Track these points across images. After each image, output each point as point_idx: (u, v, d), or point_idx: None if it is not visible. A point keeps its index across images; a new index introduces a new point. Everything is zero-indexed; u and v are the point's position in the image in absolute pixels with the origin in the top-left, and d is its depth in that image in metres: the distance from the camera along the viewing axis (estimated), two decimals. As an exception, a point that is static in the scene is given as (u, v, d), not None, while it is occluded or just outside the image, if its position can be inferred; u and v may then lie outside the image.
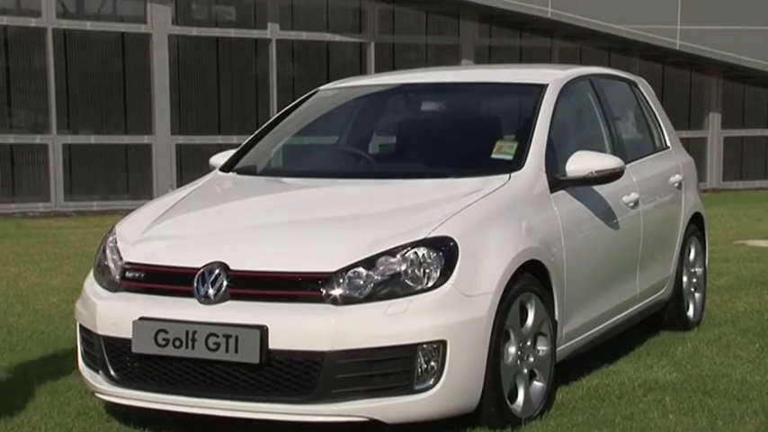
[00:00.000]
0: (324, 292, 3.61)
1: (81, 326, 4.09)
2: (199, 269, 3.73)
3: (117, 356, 3.83)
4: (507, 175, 4.22)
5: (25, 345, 5.41)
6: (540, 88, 4.73)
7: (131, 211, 4.53)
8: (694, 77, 16.06)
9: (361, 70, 13.95)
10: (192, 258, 3.79)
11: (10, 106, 12.91)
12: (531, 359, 4.00)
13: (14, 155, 12.70)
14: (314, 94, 5.38)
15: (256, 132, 5.16)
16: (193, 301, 3.70)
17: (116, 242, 4.08)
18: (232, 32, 13.52)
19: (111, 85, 13.06)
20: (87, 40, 12.95)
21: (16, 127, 12.94)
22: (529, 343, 3.99)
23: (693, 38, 15.17)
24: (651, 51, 15.40)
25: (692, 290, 5.87)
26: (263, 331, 3.56)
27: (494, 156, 4.42)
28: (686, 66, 15.84)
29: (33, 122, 13.01)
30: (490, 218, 3.93)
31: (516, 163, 4.32)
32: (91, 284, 4.10)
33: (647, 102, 5.94)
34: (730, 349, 5.18)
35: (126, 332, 3.75)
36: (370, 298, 3.60)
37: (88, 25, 12.92)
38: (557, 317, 4.18)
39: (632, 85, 5.92)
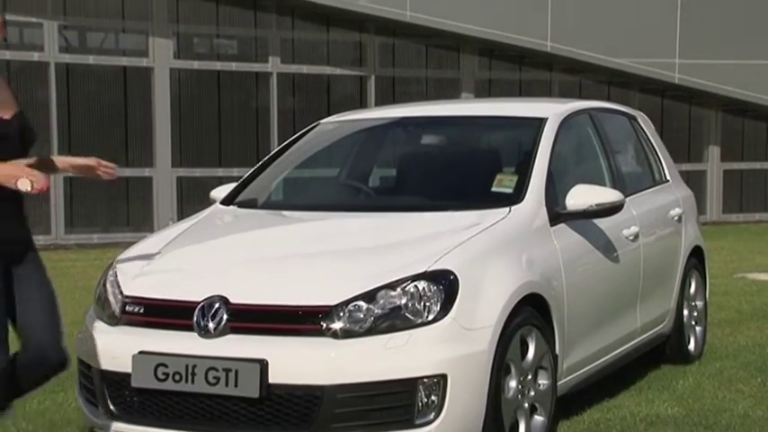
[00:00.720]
0: (324, 325, 3.61)
1: (80, 360, 4.08)
2: (199, 303, 3.73)
3: (116, 391, 3.82)
4: (507, 209, 4.22)
5: (24, 378, 5.37)
6: (540, 122, 4.75)
7: (132, 243, 4.54)
8: (693, 111, 16.12)
9: (362, 103, 14.02)
10: (193, 292, 3.79)
11: (12, 139, 12.95)
12: (532, 393, 3.98)
13: (15, 187, 12.72)
14: (315, 127, 5.41)
15: (257, 166, 5.18)
16: (193, 334, 3.69)
17: (116, 276, 4.08)
18: (233, 66, 13.61)
19: (113, 117, 13.11)
20: (89, 73, 13.03)
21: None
22: (530, 377, 3.97)
23: (692, 72, 15.26)
24: (650, 85, 15.48)
25: (693, 323, 5.85)
26: (262, 365, 3.55)
27: (494, 189, 4.44)
28: (685, 99, 15.92)
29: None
30: (490, 251, 3.93)
31: (516, 196, 4.33)
32: (91, 318, 4.10)
33: (646, 135, 5.97)
34: (732, 383, 5.16)
35: (125, 366, 3.74)
36: (370, 331, 3.59)
37: (90, 59, 13.00)
38: (557, 350, 4.17)
39: (631, 119, 5.95)
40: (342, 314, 3.61)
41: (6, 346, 3.58)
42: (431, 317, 3.62)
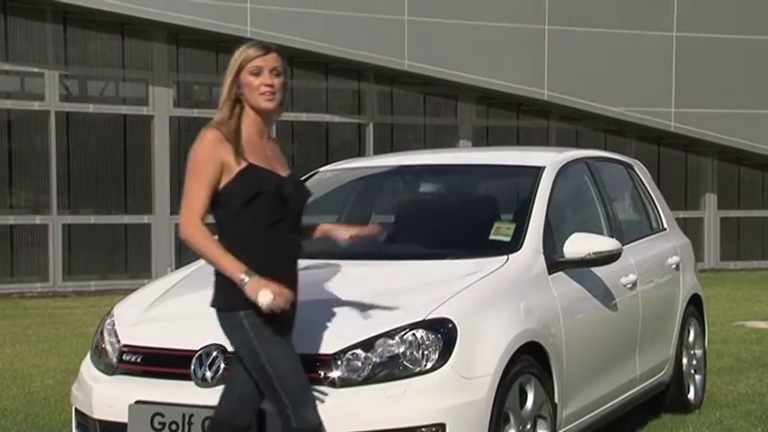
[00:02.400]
0: (322, 374, 3.60)
1: (76, 409, 4.05)
2: (196, 351, 3.72)
3: (112, 440, 3.79)
4: (505, 257, 4.23)
5: (20, 428, 5.35)
6: (538, 170, 4.78)
7: (130, 290, 4.54)
8: (690, 159, 16.21)
9: (360, 150, 14.09)
10: (190, 341, 3.78)
11: (11, 187, 12.99)
12: (532, 443, 3.96)
13: (14, 235, 12.73)
14: (313, 175, 5.43)
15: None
16: (191, 383, 3.68)
17: (114, 324, 4.07)
18: (232, 114, 13.69)
19: (112, 165, 13.17)
20: (89, 121, 13.10)
21: (17, 207, 13.00)
22: (528, 426, 3.95)
23: (688, 120, 15.36)
24: (646, 133, 15.58)
25: (693, 372, 5.83)
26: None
27: (492, 237, 4.45)
28: (681, 147, 16.01)
29: (34, 203, 13.08)
30: (488, 299, 3.93)
31: (514, 244, 4.34)
32: (88, 367, 4.08)
33: (643, 184, 6.00)
34: (732, 433, 5.13)
35: (122, 416, 3.71)
36: (368, 380, 3.58)
37: (91, 108, 13.08)
38: (556, 399, 4.15)
39: (628, 167, 5.99)
40: (340, 362, 3.60)
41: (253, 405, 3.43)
42: (429, 365, 3.61)
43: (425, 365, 3.61)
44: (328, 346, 3.64)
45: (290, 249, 3.45)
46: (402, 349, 3.62)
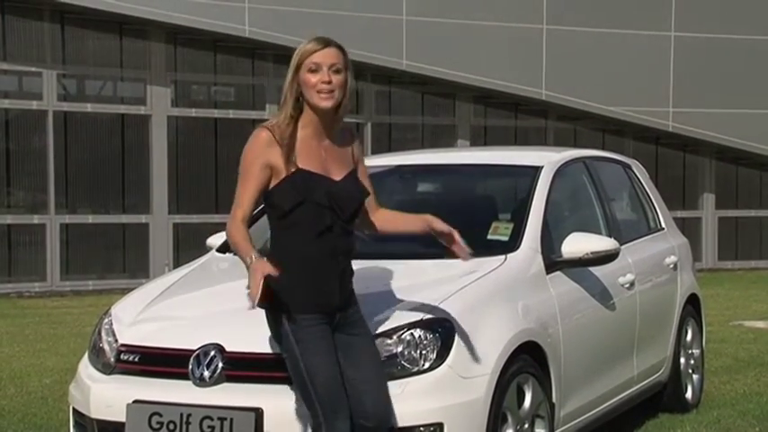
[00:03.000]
0: (320, 374, 3.59)
1: (74, 409, 4.05)
2: (194, 351, 3.72)
3: (110, 440, 3.78)
4: (503, 256, 4.23)
5: (17, 427, 5.34)
6: (536, 170, 4.78)
7: (128, 290, 4.54)
8: (688, 158, 16.22)
9: (358, 151, 14.08)
10: (188, 340, 3.78)
11: (9, 186, 12.98)
12: (529, 442, 3.96)
13: (11, 235, 12.72)
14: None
15: (254, 213, 5.18)
16: (188, 383, 3.68)
17: (111, 324, 4.07)
18: (230, 113, 13.69)
19: (110, 165, 13.16)
20: (87, 121, 13.09)
21: (14, 206, 12.99)
22: (526, 425, 3.95)
23: (686, 120, 15.37)
24: (644, 133, 15.59)
25: (690, 371, 5.83)
26: (258, 414, 3.53)
27: (490, 237, 4.45)
28: (679, 147, 16.02)
29: (31, 202, 13.07)
30: (486, 299, 3.94)
31: (512, 244, 4.34)
32: (85, 367, 4.07)
33: (641, 183, 6.00)
34: (730, 432, 5.13)
35: (120, 415, 3.71)
36: (365, 380, 3.57)
37: (88, 107, 13.08)
38: (554, 399, 4.15)
39: (626, 167, 5.99)
40: (338, 362, 3.60)
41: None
42: (427, 365, 3.61)
43: (423, 365, 3.61)
44: (326, 345, 3.63)
45: (338, 255, 3.36)
46: (400, 349, 3.62)
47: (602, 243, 4.53)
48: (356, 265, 4.39)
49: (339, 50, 3.39)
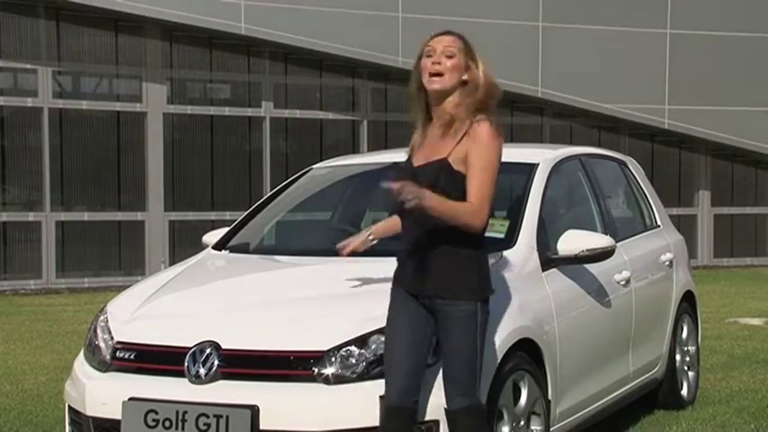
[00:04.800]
0: (316, 370, 3.60)
1: (70, 407, 4.04)
2: (190, 348, 3.72)
3: (106, 437, 3.78)
4: (499, 254, 4.23)
5: (13, 425, 5.34)
6: (531, 167, 4.78)
7: (123, 287, 4.53)
8: (683, 155, 16.23)
9: (354, 147, 14.09)
10: (184, 337, 3.77)
11: (4, 183, 12.96)
12: (525, 439, 3.96)
13: (7, 232, 12.71)
14: (307, 172, 5.43)
15: (249, 210, 5.19)
16: (184, 380, 3.68)
17: (107, 321, 4.06)
18: (226, 111, 13.68)
19: (106, 162, 13.14)
20: (83, 118, 13.08)
21: (10, 204, 12.97)
22: (522, 422, 3.95)
23: (681, 117, 15.39)
24: (640, 130, 15.60)
25: (686, 368, 5.84)
26: (253, 411, 3.53)
27: (486, 233, 4.44)
28: (675, 144, 16.03)
29: (27, 200, 13.05)
30: (482, 296, 3.93)
31: (508, 241, 4.34)
32: (81, 364, 4.07)
33: (636, 181, 6.00)
34: (725, 429, 5.14)
35: (115, 413, 3.71)
36: (362, 377, 3.58)
37: (84, 104, 13.06)
38: (550, 396, 4.15)
39: (622, 164, 5.99)
40: (334, 359, 3.60)
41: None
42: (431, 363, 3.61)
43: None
44: (322, 342, 3.64)
45: (409, 238, 3.51)
46: (396, 346, 3.61)
47: (597, 240, 4.53)
48: (353, 262, 4.42)
49: (456, 37, 3.54)
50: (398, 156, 5.58)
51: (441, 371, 3.54)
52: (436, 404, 3.56)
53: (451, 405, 3.45)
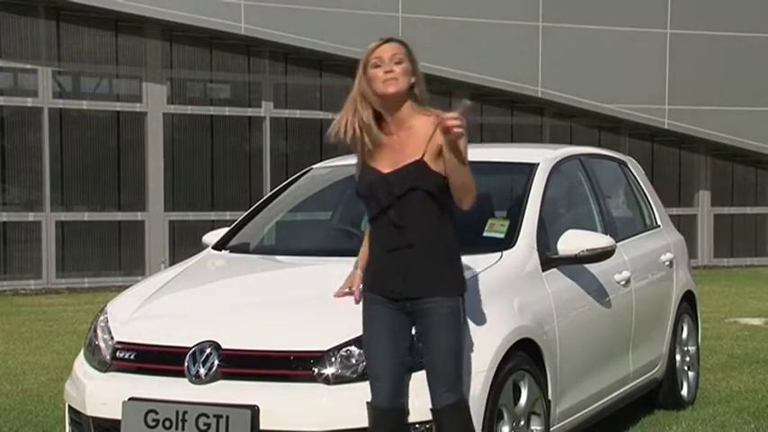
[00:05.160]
0: (316, 371, 3.60)
1: (70, 407, 4.04)
2: (190, 348, 3.72)
3: (106, 438, 3.78)
4: (499, 254, 4.23)
5: (13, 425, 5.34)
6: (532, 167, 4.78)
7: (123, 287, 4.53)
8: (683, 155, 16.23)
9: (354, 148, 14.07)
10: (184, 337, 3.77)
11: (4, 183, 12.96)
12: (525, 439, 3.96)
13: (7, 232, 12.70)
14: (307, 172, 5.43)
15: (249, 210, 5.19)
16: (184, 380, 3.67)
17: (107, 321, 4.06)
18: (226, 111, 13.68)
19: (106, 162, 13.14)
20: (83, 118, 13.07)
21: (9, 204, 12.97)
22: (522, 422, 3.95)
23: (681, 117, 15.39)
24: (640, 130, 15.59)
25: (686, 368, 5.84)
26: (254, 411, 3.53)
27: (486, 234, 4.44)
28: (675, 144, 16.03)
29: (27, 200, 13.04)
30: (482, 296, 3.93)
31: (508, 241, 4.34)
32: (81, 364, 4.07)
33: (636, 181, 6.00)
34: (725, 429, 5.14)
35: (116, 413, 3.71)
36: (362, 377, 3.58)
37: (84, 104, 13.06)
38: (550, 396, 4.15)
39: (622, 164, 5.99)
40: (334, 359, 3.60)
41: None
42: (422, 362, 3.61)
43: (419, 362, 3.60)
44: (322, 342, 3.64)
45: (385, 243, 3.52)
46: (396, 346, 3.61)
47: (597, 240, 4.53)
48: (353, 262, 4.42)
49: (400, 44, 3.63)
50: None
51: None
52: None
53: (438, 402, 3.46)
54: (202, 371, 3.66)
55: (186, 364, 3.68)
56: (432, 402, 3.48)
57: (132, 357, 3.84)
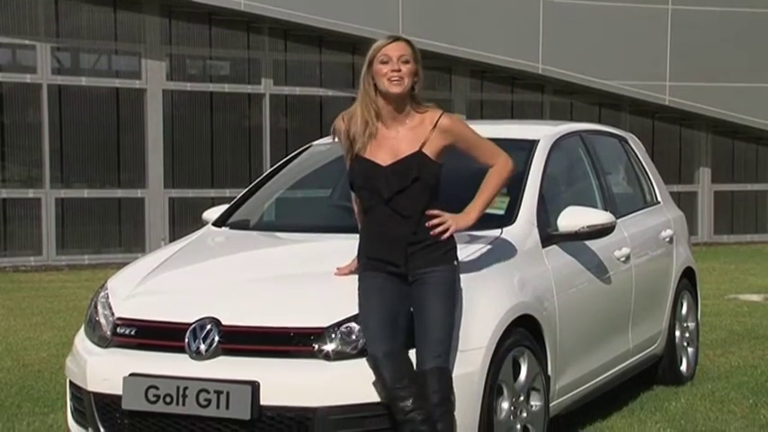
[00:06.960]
0: (316, 347, 3.61)
1: (71, 382, 4.06)
2: (190, 324, 3.72)
3: (107, 413, 3.80)
4: (499, 230, 4.24)
5: (14, 400, 5.36)
6: (532, 144, 4.77)
7: (123, 264, 4.53)
8: (684, 132, 16.20)
9: (354, 125, 14.02)
10: (184, 313, 3.78)
11: (3, 160, 12.94)
12: (525, 414, 3.98)
13: (7, 209, 12.70)
14: (307, 149, 5.42)
15: (249, 187, 5.18)
16: (185, 356, 3.69)
17: (108, 297, 4.07)
18: (226, 87, 13.63)
19: (105, 139, 13.11)
20: (82, 95, 13.03)
21: (9, 181, 12.95)
22: (522, 398, 3.97)
23: (682, 94, 15.34)
24: (641, 106, 15.55)
25: (685, 344, 5.86)
26: (254, 387, 3.54)
27: (486, 210, 4.44)
28: (676, 121, 15.99)
29: (26, 177, 13.02)
30: (482, 272, 3.94)
31: (508, 218, 4.34)
32: (81, 340, 4.08)
33: (637, 157, 6.00)
34: (724, 404, 5.16)
35: (116, 388, 3.72)
36: (362, 353, 3.59)
37: (83, 81, 13.01)
38: (549, 372, 4.17)
39: (622, 140, 5.98)
40: (334, 336, 3.61)
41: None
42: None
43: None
44: (322, 319, 3.64)
45: (386, 231, 3.63)
46: (396, 322, 3.62)
47: (597, 217, 4.53)
48: (352, 238, 4.42)
49: (407, 44, 3.76)
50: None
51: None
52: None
53: (424, 364, 3.51)
54: (203, 347, 3.67)
55: (186, 340, 3.69)
56: (417, 364, 3.51)
57: (133, 333, 3.85)
